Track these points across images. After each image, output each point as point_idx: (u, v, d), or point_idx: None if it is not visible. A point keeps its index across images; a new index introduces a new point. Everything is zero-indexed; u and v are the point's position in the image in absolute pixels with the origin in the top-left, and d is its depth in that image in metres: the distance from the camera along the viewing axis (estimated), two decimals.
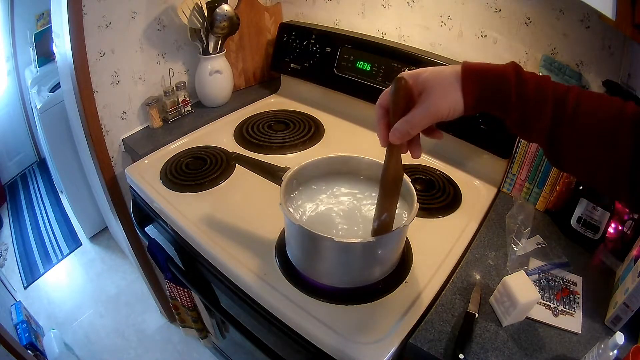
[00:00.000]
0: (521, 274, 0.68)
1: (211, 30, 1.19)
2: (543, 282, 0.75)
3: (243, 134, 1.18)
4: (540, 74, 0.49)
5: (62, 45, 1.06)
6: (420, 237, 0.83)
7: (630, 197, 0.45)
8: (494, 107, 0.49)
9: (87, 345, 1.69)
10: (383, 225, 0.62)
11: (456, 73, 0.49)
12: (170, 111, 1.23)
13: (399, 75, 0.51)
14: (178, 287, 1.03)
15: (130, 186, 1.08)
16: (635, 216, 0.79)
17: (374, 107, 0.55)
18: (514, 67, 0.48)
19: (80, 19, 0.97)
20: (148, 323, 1.78)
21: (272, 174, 0.99)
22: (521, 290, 0.64)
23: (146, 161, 1.09)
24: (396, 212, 0.64)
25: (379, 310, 0.70)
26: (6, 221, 2.38)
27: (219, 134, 1.19)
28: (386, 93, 0.54)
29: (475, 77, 0.48)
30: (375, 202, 0.63)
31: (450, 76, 0.49)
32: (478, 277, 0.77)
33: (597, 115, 0.45)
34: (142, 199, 1.03)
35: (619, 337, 0.53)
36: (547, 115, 0.46)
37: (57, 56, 1.21)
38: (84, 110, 1.07)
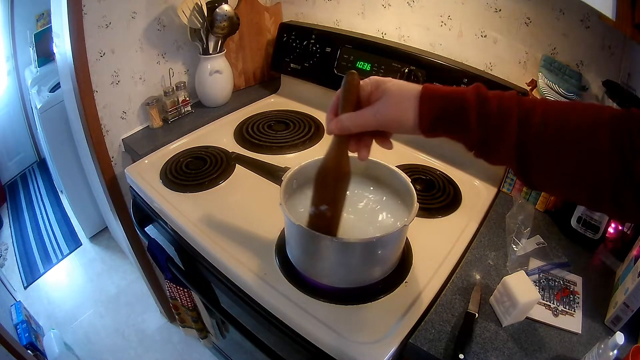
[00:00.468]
0: (521, 274, 0.68)
1: (211, 30, 1.19)
2: (543, 282, 0.75)
3: (243, 134, 1.18)
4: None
5: (62, 45, 1.06)
6: (420, 237, 0.83)
7: (613, 207, 0.41)
8: (453, 130, 0.48)
9: (87, 345, 1.69)
10: (319, 216, 0.59)
11: (417, 92, 0.48)
12: (170, 111, 1.23)
13: (352, 71, 0.52)
14: (178, 287, 1.03)
15: (130, 186, 1.08)
16: None
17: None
18: (476, 88, 0.46)
19: (80, 19, 0.97)
20: (148, 323, 1.78)
21: (272, 174, 0.99)
22: (521, 290, 0.64)
23: (146, 161, 1.09)
24: (344, 207, 0.62)
25: (379, 310, 0.70)
26: (6, 221, 2.38)
27: (219, 134, 1.19)
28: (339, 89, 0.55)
29: (433, 98, 0.47)
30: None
31: (410, 93, 0.48)
32: (478, 277, 0.77)
33: (570, 124, 0.42)
34: (142, 199, 1.03)
35: (619, 337, 0.53)
36: (512, 133, 0.43)
37: (57, 56, 1.21)
38: (84, 110, 1.07)
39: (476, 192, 0.99)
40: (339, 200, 0.59)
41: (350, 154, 0.56)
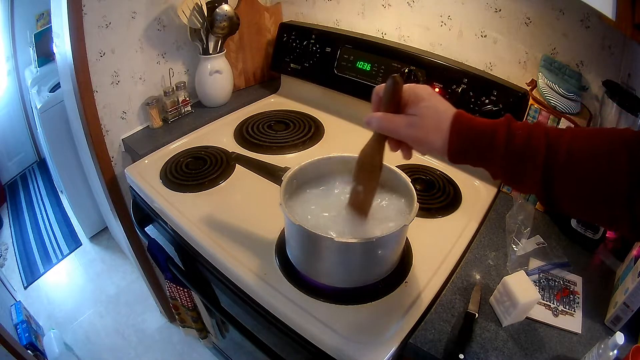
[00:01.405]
0: (521, 274, 0.68)
1: (211, 30, 1.19)
2: (543, 282, 0.75)
3: (243, 134, 1.18)
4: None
5: (62, 45, 1.06)
6: (420, 237, 0.83)
7: (632, 227, 0.42)
8: (480, 163, 0.49)
9: (87, 345, 1.69)
10: (357, 192, 0.64)
11: (449, 119, 0.49)
12: (170, 111, 1.23)
13: (396, 77, 0.52)
14: (178, 287, 1.03)
15: (130, 186, 1.08)
16: None
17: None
18: (507, 123, 0.47)
19: (80, 19, 0.97)
20: (148, 323, 1.78)
21: (272, 174, 0.98)
22: (521, 290, 0.64)
23: (146, 161, 1.09)
24: (377, 203, 0.67)
25: (379, 310, 0.70)
26: (6, 221, 2.38)
27: (219, 134, 1.19)
28: (384, 85, 0.55)
29: (463, 130, 0.49)
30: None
31: (443, 119, 0.50)
32: (478, 277, 0.77)
33: (592, 151, 0.44)
34: (142, 199, 1.03)
35: (619, 337, 0.53)
36: (538, 167, 0.45)
37: (57, 56, 1.21)
38: (84, 110, 1.07)
39: (476, 192, 0.99)
40: (371, 187, 0.63)
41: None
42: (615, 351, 0.54)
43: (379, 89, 0.55)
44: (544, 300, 0.71)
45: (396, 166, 0.77)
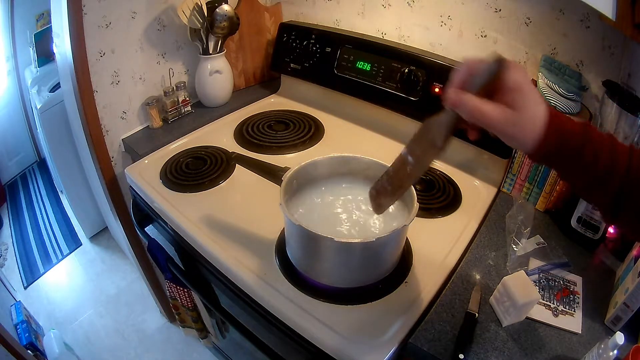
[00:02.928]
0: (521, 274, 0.68)
1: (211, 30, 1.19)
2: (543, 282, 0.75)
3: (243, 134, 1.18)
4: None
5: (62, 45, 1.06)
6: (420, 237, 0.83)
7: None
8: (559, 171, 0.48)
9: (87, 345, 1.69)
10: (403, 163, 0.57)
11: (544, 120, 0.45)
12: (170, 111, 1.23)
13: (503, 59, 0.44)
14: (178, 287, 1.03)
15: (130, 186, 1.08)
16: None
17: (459, 65, 0.48)
18: (596, 138, 0.45)
19: (80, 19, 0.97)
20: (148, 323, 1.78)
21: (272, 174, 0.99)
22: (521, 290, 0.64)
23: (146, 161, 1.09)
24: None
25: (379, 310, 0.70)
26: (6, 221, 2.38)
27: (219, 134, 1.19)
28: (478, 61, 0.46)
29: (556, 137, 0.45)
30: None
31: (539, 120, 0.45)
32: (478, 277, 0.77)
33: None
34: (142, 199, 1.03)
35: (619, 337, 0.53)
36: (615, 187, 0.44)
37: (57, 56, 1.21)
38: (84, 110, 1.07)
39: (476, 192, 0.99)
40: (423, 164, 0.55)
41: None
42: (615, 351, 0.54)
43: (472, 65, 0.46)
44: (544, 300, 0.71)
45: None
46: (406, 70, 1.08)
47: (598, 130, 0.46)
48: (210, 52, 1.22)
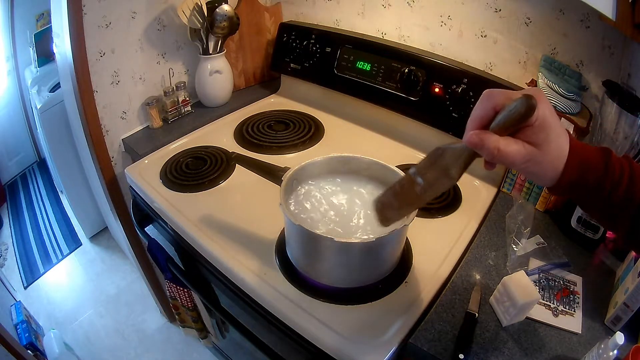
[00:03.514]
0: (521, 274, 0.68)
1: (211, 30, 1.19)
2: (543, 282, 0.75)
3: (243, 134, 1.18)
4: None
5: (62, 45, 1.06)
6: (420, 237, 0.83)
7: None
8: (578, 202, 0.48)
9: (87, 345, 1.69)
10: (410, 183, 0.55)
11: (565, 155, 0.44)
12: (170, 111, 1.23)
13: (533, 99, 0.39)
14: (178, 287, 1.03)
15: (130, 186, 1.08)
16: None
17: (481, 97, 0.44)
18: (616, 169, 0.44)
19: (80, 19, 0.97)
20: (148, 323, 1.78)
21: (272, 174, 0.98)
22: (521, 290, 0.64)
23: (146, 161, 1.09)
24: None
25: (379, 310, 0.70)
26: (6, 221, 2.38)
27: (219, 134, 1.19)
28: (503, 96, 0.43)
29: (576, 172, 0.44)
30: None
31: (562, 156, 0.44)
32: (478, 277, 0.77)
33: None
34: (142, 199, 1.03)
35: (619, 337, 0.53)
36: (630, 215, 0.44)
37: (57, 56, 1.21)
38: (84, 110, 1.07)
39: (476, 192, 0.99)
40: (434, 190, 0.53)
41: None
42: (615, 351, 0.54)
43: (497, 101, 0.43)
44: (544, 300, 0.71)
45: (396, 166, 0.77)
46: (406, 70, 1.08)
47: (616, 154, 0.45)
48: (210, 52, 1.22)
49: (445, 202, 0.93)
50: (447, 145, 0.50)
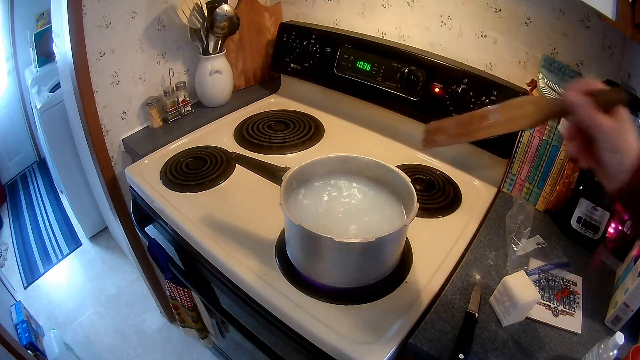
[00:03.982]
0: (521, 274, 0.68)
1: (211, 30, 1.19)
2: (543, 282, 0.75)
3: (243, 134, 1.18)
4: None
5: (62, 45, 1.06)
6: (420, 237, 0.83)
7: None
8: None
9: (87, 345, 1.69)
10: (482, 117, 0.55)
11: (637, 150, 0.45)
12: (170, 111, 1.23)
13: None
14: (178, 287, 1.03)
15: (130, 186, 1.08)
16: None
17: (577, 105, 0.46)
18: None
19: (80, 19, 0.97)
20: (148, 323, 1.78)
21: (272, 174, 0.98)
22: (521, 290, 0.64)
23: (146, 161, 1.09)
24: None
25: (379, 310, 0.70)
26: (6, 221, 2.38)
27: (219, 134, 1.19)
28: (599, 85, 0.47)
29: None
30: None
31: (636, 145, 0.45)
32: (478, 277, 0.77)
33: None
34: (142, 199, 1.03)
35: (619, 337, 0.53)
36: None
37: (57, 56, 1.21)
38: (84, 110, 1.07)
39: (476, 192, 0.99)
40: (506, 126, 0.53)
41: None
42: (615, 351, 0.54)
43: (592, 86, 0.47)
44: (544, 300, 0.71)
45: (396, 166, 0.77)
46: (406, 70, 1.08)
47: None
48: (210, 52, 1.22)
49: (445, 202, 0.93)
50: (537, 96, 0.51)
